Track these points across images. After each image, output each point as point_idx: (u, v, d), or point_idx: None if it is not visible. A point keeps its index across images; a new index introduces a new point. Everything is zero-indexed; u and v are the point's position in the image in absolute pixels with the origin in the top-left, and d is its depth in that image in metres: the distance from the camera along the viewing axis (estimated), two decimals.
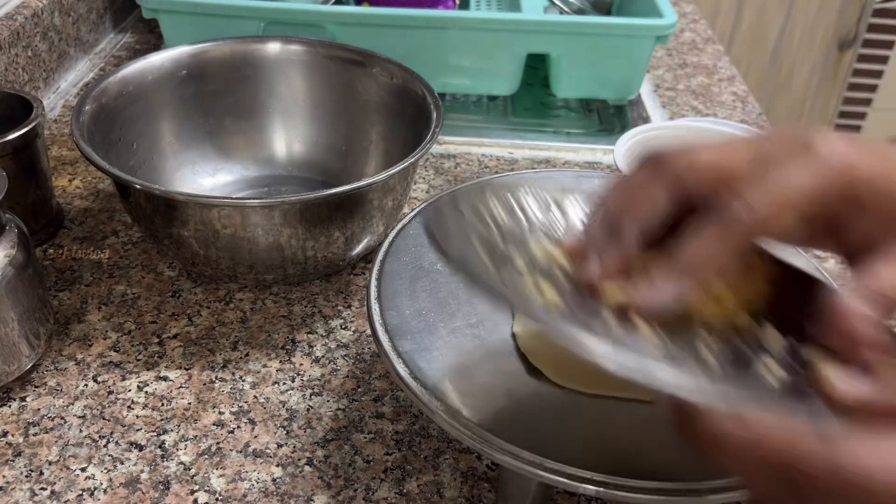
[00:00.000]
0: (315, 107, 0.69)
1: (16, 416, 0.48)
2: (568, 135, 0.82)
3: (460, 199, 0.37)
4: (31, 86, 0.78)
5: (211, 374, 0.52)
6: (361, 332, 0.56)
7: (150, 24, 1.00)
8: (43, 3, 0.80)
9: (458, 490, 0.45)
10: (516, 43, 0.78)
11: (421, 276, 0.45)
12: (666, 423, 0.37)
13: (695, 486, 0.35)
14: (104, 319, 0.56)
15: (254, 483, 0.45)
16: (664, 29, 0.77)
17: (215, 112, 0.67)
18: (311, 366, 0.53)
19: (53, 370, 0.52)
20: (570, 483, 0.35)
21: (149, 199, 0.53)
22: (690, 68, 0.98)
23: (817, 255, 0.66)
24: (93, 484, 0.45)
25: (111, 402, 0.50)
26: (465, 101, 0.87)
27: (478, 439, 0.36)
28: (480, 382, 0.39)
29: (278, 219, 0.51)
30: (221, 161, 0.68)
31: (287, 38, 0.67)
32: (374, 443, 0.48)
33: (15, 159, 0.57)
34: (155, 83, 0.63)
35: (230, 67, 0.67)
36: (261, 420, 0.49)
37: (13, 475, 0.45)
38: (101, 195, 0.68)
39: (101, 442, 0.47)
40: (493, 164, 0.76)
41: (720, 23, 1.80)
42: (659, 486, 0.35)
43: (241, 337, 0.55)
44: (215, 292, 0.58)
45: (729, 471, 0.28)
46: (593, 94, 0.84)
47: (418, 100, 0.61)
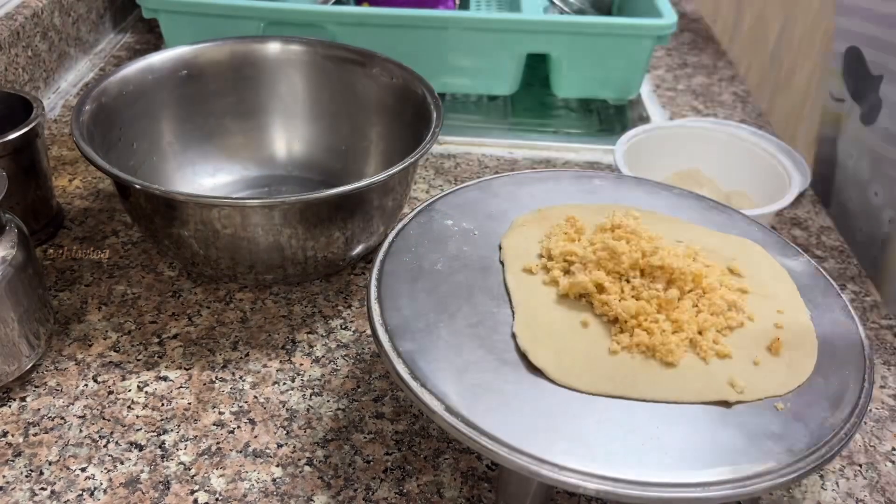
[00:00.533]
0: (315, 107, 0.69)
1: (16, 416, 0.48)
2: (568, 135, 0.82)
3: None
4: (31, 86, 0.78)
5: (211, 374, 0.52)
6: (361, 332, 0.56)
7: (150, 24, 1.00)
8: (43, 3, 0.80)
9: (458, 490, 0.45)
10: (516, 43, 0.78)
11: (421, 276, 0.45)
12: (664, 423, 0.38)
13: (694, 482, 0.35)
14: (104, 319, 0.56)
15: (254, 483, 0.45)
16: (664, 29, 0.77)
17: (215, 112, 0.67)
18: (311, 366, 0.53)
19: (53, 370, 0.52)
20: (569, 482, 0.35)
21: (149, 199, 0.53)
22: (690, 68, 0.98)
23: (817, 257, 0.66)
24: (93, 484, 0.45)
25: (111, 402, 0.50)
26: (465, 101, 0.87)
27: (478, 439, 0.36)
28: (480, 382, 0.39)
29: (278, 219, 0.51)
30: (221, 161, 0.68)
31: (287, 38, 0.67)
32: (374, 443, 0.48)
33: (15, 159, 0.57)
34: (155, 83, 0.63)
35: (230, 67, 0.67)
36: (261, 420, 0.49)
37: (13, 475, 0.45)
38: (101, 195, 0.68)
39: (101, 442, 0.47)
40: (493, 164, 0.76)
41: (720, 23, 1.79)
42: (658, 483, 0.35)
43: (242, 337, 0.55)
44: (215, 292, 0.58)
45: None
46: (593, 94, 0.84)
47: (418, 100, 0.61)
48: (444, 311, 0.43)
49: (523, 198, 0.52)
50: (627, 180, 0.55)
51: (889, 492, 0.47)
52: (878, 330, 0.59)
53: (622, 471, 0.35)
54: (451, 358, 0.40)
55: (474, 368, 0.39)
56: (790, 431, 0.37)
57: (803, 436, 0.37)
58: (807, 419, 0.38)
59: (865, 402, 0.39)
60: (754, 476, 0.35)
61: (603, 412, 0.38)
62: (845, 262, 0.66)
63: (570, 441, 0.36)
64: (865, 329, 0.57)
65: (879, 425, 0.51)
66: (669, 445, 0.37)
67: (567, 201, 0.52)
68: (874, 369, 0.43)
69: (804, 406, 0.39)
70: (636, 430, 0.37)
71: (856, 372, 0.41)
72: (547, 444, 0.36)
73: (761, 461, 0.36)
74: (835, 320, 0.44)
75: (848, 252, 0.67)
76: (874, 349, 0.57)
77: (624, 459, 0.36)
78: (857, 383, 0.40)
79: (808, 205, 0.73)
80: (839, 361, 0.41)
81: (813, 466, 0.36)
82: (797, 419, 0.38)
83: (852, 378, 0.41)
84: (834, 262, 0.65)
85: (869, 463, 0.48)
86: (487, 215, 0.50)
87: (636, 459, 0.36)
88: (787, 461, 0.36)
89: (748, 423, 0.38)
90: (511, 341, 0.41)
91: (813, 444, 0.37)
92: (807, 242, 0.68)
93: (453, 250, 0.47)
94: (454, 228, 0.49)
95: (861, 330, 0.44)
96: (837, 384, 0.40)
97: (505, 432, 0.36)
